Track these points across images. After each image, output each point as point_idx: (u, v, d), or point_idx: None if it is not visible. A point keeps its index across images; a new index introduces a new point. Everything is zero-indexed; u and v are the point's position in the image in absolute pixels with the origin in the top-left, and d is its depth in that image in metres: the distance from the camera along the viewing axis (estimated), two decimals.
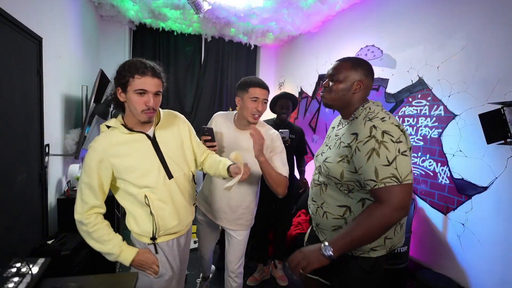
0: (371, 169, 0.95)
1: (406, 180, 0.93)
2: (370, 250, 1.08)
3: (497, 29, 1.86)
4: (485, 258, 1.90)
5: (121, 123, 1.12)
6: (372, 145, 0.96)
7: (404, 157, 0.94)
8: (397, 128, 0.99)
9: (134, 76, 1.03)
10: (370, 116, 1.03)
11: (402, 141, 0.96)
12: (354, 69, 1.09)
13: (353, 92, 1.10)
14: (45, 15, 2.14)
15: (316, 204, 1.19)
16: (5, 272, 0.83)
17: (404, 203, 0.93)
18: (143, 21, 4.05)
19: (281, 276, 2.45)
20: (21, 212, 1.81)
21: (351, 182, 1.05)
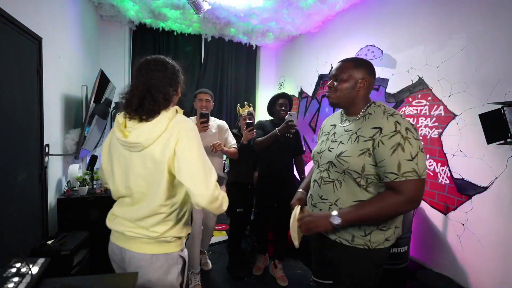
0: (394, 162, 1.01)
1: (423, 175, 1.02)
2: (384, 240, 1.14)
3: (497, 29, 1.86)
4: (485, 258, 1.90)
5: None
6: (398, 140, 1.02)
7: (423, 154, 1.03)
8: (413, 126, 1.07)
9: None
10: (390, 112, 1.10)
11: (420, 139, 1.06)
12: (357, 68, 1.15)
13: (357, 90, 1.16)
14: (45, 15, 2.14)
15: (329, 201, 1.19)
16: (5, 272, 0.82)
17: (419, 196, 1.02)
18: (143, 21, 4.05)
19: (281, 276, 2.46)
20: (21, 212, 1.81)
21: (371, 175, 1.09)
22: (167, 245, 1.02)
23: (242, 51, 4.92)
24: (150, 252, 1.00)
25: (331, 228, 1.08)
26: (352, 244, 1.15)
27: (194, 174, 0.94)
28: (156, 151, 0.96)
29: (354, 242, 1.14)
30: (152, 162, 0.97)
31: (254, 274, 2.51)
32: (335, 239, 1.19)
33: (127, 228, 1.01)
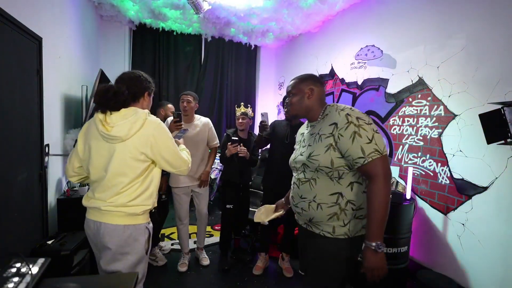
0: (357, 149, 1.13)
1: (384, 152, 1.14)
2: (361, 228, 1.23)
3: (497, 29, 1.86)
4: (485, 258, 1.90)
5: None
6: (353, 129, 1.15)
7: (378, 134, 1.16)
8: (364, 114, 1.20)
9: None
10: (341, 107, 1.24)
11: (372, 123, 1.17)
12: (302, 82, 1.34)
13: (307, 98, 1.32)
14: (45, 15, 2.14)
15: (307, 199, 1.28)
16: (5, 272, 0.82)
17: (389, 171, 1.14)
18: (143, 21, 4.05)
19: (287, 268, 2.56)
20: (21, 212, 1.81)
21: (341, 166, 1.19)
22: (136, 217, 1.25)
23: (242, 51, 4.92)
24: (122, 223, 1.22)
25: (383, 256, 1.11)
26: (334, 236, 1.23)
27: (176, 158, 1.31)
28: (135, 143, 1.21)
29: (335, 233, 1.22)
30: (131, 152, 1.21)
31: (254, 273, 2.52)
32: (319, 232, 1.27)
33: (102, 204, 1.22)
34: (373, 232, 1.11)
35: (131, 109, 1.25)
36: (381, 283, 1.20)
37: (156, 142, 1.24)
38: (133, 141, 1.21)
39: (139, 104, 1.36)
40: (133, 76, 1.35)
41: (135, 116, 1.23)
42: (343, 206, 1.20)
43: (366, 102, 3.00)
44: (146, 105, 1.40)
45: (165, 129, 1.30)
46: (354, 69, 3.19)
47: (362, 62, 3.08)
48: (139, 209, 1.24)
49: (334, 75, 3.55)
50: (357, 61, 3.15)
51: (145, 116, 1.25)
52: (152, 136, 1.23)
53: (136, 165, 1.23)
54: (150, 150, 1.24)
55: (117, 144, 1.21)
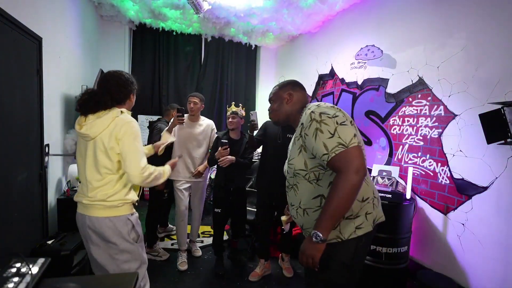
0: (320, 145, 1.08)
1: (352, 144, 1.05)
2: (355, 229, 1.15)
3: (497, 29, 1.86)
4: (485, 258, 1.90)
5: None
6: (315, 126, 1.10)
7: (343, 127, 1.08)
8: (331, 108, 1.15)
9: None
10: (309, 106, 1.23)
11: (339, 115, 1.11)
12: (281, 88, 1.36)
13: (286, 103, 1.33)
14: (45, 15, 2.14)
15: (295, 206, 1.26)
16: (5, 272, 0.82)
17: (357, 164, 1.03)
18: (143, 21, 4.05)
19: (287, 268, 2.55)
20: (21, 212, 1.81)
21: (315, 167, 1.16)
22: (116, 209, 1.32)
23: (242, 51, 4.92)
24: (102, 215, 1.30)
25: (320, 247, 1.06)
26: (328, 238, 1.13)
27: (131, 159, 1.28)
28: (104, 140, 1.27)
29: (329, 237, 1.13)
30: (100, 148, 1.28)
31: (249, 279, 2.40)
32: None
33: (84, 199, 1.31)
34: (319, 221, 1.06)
35: (115, 110, 1.32)
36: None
37: (122, 139, 1.27)
38: (102, 137, 1.27)
39: (125, 106, 1.42)
40: (119, 82, 1.37)
41: (107, 115, 1.28)
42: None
43: (366, 102, 3.00)
44: (130, 105, 1.46)
45: (134, 129, 1.31)
46: (354, 69, 3.19)
47: (362, 62, 3.08)
48: (117, 203, 1.31)
49: (334, 75, 3.55)
50: (357, 61, 3.15)
51: (116, 114, 1.30)
52: (119, 132, 1.27)
53: (107, 161, 1.29)
54: (117, 146, 1.28)
55: (90, 142, 1.29)
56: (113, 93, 1.34)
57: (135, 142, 1.30)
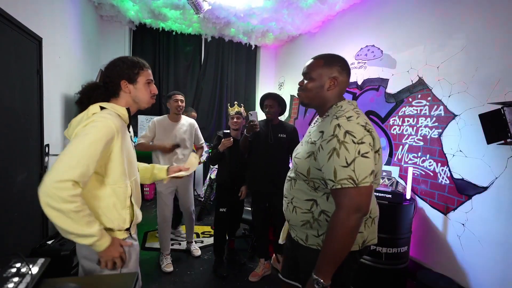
0: (330, 169, 0.95)
1: (363, 183, 0.92)
2: None
3: (497, 29, 1.86)
4: (485, 258, 1.90)
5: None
6: (334, 145, 0.96)
7: (364, 159, 0.93)
8: (362, 128, 0.98)
9: (144, 69, 1.16)
10: (338, 114, 1.03)
11: (365, 142, 0.96)
12: (328, 66, 1.09)
13: (327, 89, 1.09)
14: (45, 15, 2.14)
15: (287, 199, 1.20)
16: (5, 272, 0.82)
17: (360, 205, 0.92)
18: (143, 21, 4.05)
19: None
20: (21, 212, 1.81)
21: (317, 179, 1.06)
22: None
23: (242, 51, 4.92)
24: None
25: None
26: (306, 244, 1.12)
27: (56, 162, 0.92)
28: None
29: (308, 242, 1.11)
30: None
31: (249, 280, 2.40)
32: (294, 236, 1.18)
33: None
34: (321, 266, 0.96)
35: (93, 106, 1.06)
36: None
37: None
38: None
39: (121, 99, 1.13)
40: (107, 66, 1.14)
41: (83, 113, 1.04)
42: (316, 216, 1.08)
43: (366, 102, 3.00)
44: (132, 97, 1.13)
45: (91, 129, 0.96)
46: (354, 69, 3.19)
47: (362, 62, 3.08)
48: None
49: None
50: (357, 61, 3.15)
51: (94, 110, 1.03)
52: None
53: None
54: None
55: None
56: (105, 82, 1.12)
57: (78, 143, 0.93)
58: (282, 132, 2.34)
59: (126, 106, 1.14)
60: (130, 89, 1.13)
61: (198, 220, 3.64)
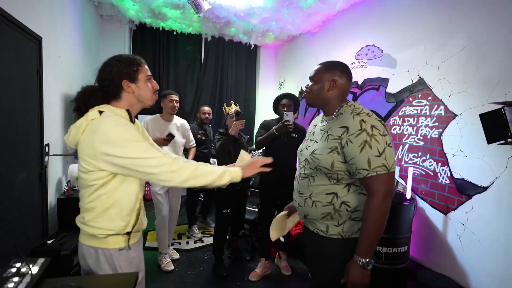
0: (364, 159, 1.07)
1: (392, 169, 1.08)
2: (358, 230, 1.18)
3: (498, 29, 1.86)
4: (485, 258, 1.90)
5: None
6: (364, 138, 1.08)
7: (390, 149, 1.09)
8: (380, 123, 1.13)
9: (141, 65, 1.11)
10: (357, 111, 1.16)
11: (387, 134, 1.11)
12: (328, 71, 1.25)
13: (327, 90, 1.23)
14: (45, 15, 2.14)
15: (304, 196, 1.27)
16: (5, 272, 0.82)
17: (392, 188, 1.09)
18: (143, 21, 4.05)
19: (285, 266, 2.55)
20: (21, 212, 1.81)
21: (341, 171, 1.16)
22: (99, 240, 1.04)
23: (242, 50, 4.92)
24: (85, 243, 1.06)
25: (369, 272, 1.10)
26: (327, 235, 1.21)
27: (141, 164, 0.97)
28: (80, 151, 1.01)
29: (328, 233, 1.20)
30: (79, 161, 1.03)
31: (249, 279, 2.41)
32: (313, 230, 1.25)
33: (76, 219, 1.10)
34: (365, 248, 1.08)
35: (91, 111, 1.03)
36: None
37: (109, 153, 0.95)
38: (80, 147, 1.01)
39: (124, 101, 1.08)
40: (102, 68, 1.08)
41: (83, 118, 1.02)
42: (337, 207, 1.18)
43: (366, 102, 3.00)
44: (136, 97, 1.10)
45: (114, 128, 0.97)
46: (354, 68, 3.18)
47: (362, 61, 3.08)
48: (98, 231, 1.02)
49: None
50: (357, 60, 3.14)
51: (92, 116, 1.00)
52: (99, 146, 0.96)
53: (87, 176, 1.00)
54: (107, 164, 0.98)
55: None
56: (102, 85, 1.06)
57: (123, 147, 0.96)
58: (294, 132, 2.37)
59: (128, 107, 1.10)
60: (133, 88, 1.08)
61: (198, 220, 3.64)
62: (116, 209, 1.04)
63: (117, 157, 0.96)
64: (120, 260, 1.07)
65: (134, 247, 1.12)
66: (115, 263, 1.06)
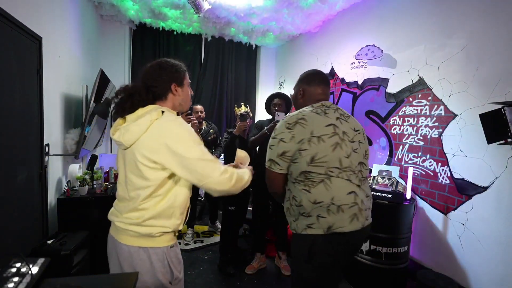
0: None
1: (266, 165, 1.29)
2: (306, 227, 1.22)
3: (498, 29, 1.86)
4: (485, 258, 1.90)
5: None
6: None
7: (269, 150, 1.29)
8: (284, 124, 1.25)
9: (187, 72, 1.22)
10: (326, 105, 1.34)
11: (276, 138, 1.25)
12: (299, 81, 1.45)
13: (300, 98, 1.42)
14: (45, 15, 2.14)
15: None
16: (5, 272, 0.82)
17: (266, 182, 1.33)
18: (143, 21, 4.05)
19: (284, 266, 2.57)
20: (21, 212, 1.81)
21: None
22: (152, 239, 1.06)
23: (242, 51, 4.91)
24: (134, 244, 1.05)
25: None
26: (291, 229, 1.32)
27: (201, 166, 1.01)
28: (142, 148, 1.02)
29: (291, 227, 1.31)
30: (139, 159, 1.02)
31: (246, 272, 2.49)
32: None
33: (117, 219, 1.08)
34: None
35: (148, 108, 1.07)
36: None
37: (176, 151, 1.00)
38: (139, 146, 1.02)
39: (169, 102, 1.14)
40: (151, 70, 1.12)
41: (145, 117, 1.03)
42: (291, 201, 1.27)
43: (366, 102, 3.00)
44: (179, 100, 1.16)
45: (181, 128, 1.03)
46: (354, 68, 3.19)
47: (362, 61, 3.08)
48: (155, 230, 1.04)
49: (334, 74, 3.55)
50: (357, 60, 3.14)
51: (156, 116, 1.03)
52: (161, 138, 1.00)
53: (149, 175, 1.02)
54: (163, 156, 1.00)
55: (127, 151, 1.06)
56: (149, 86, 1.10)
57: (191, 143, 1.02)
58: None
59: (173, 109, 1.16)
60: (179, 92, 1.15)
61: (198, 220, 3.65)
62: (173, 208, 1.08)
63: (182, 156, 1.00)
64: (172, 257, 1.11)
65: (177, 243, 1.20)
66: (168, 260, 1.09)
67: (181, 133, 1.03)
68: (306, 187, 1.20)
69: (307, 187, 1.19)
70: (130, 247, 1.05)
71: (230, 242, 2.62)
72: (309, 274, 1.22)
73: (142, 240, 1.05)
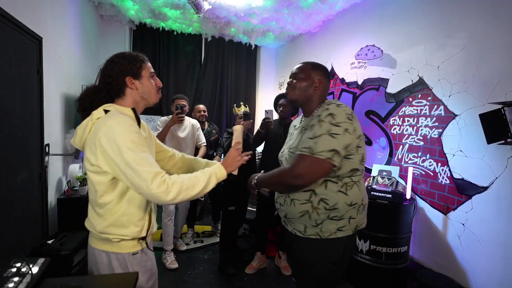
0: (302, 140, 1.14)
1: (318, 154, 1.05)
2: (336, 230, 1.16)
3: (498, 29, 1.86)
4: (485, 258, 1.90)
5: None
6: (314, 123, 1.13)
7: (329, 137, 1.06)
8: (344, 113, 1.10)
9: (145, 62, 1.09)
10: (329, 103, 1.19)
11: (340, 126, 1.07)
12: (314, 70, 1.27)
13: (314, 88, 1.24)
14: (45, 15, 2.14)
15: (284, 195, 1.26)
16: (5, 272, 0.82)
17: (302, 172, 1.07)
18: (143, 21, 4.05)
19: (285, 266, 2.57)
20: (21, 212, 1.81)
21: None
22: (111, 244, 1.02)
23: (242, 51, 4.91)
24: (97, 246, 1.05)
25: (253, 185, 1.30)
26: (305, 235, 1.19)
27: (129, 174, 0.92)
28: (86, 152, 0.99)
29: (306, 233, 1.19)
30: (86, 163, 1.00)
31: (246, 272, 2.48)
32: (291, 230, 1.25)
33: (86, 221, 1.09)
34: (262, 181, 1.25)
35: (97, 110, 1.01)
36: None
37: (106, 150, 0.92)
38: (85, 148, 0.99)
39: (128, 98, 1.06)
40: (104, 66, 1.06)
41: (88, 117, 1.00)
42: (315, 204, 1.14)
43: (366, 102, 3.00)
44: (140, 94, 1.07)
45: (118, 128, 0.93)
46: (354, 69, 3.19)
47: (362, 62, 3.08)
48: (112, 236, 1.00)
49: (334, 74, 3.55)
50: (357, 61, 3.14)
51: (98, 115, 0.98)
52: (99, 140, 0.93)
53: (93, 178, 0.98)
54: (103, 160, 0.94)
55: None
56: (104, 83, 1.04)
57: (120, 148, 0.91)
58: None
59: (132, 105, 1.07)
60: (137, 85, 1.05)
61: (198, 220, 3.64)
62: (128, 215, 1.01)
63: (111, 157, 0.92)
64: (134, 265, 1.05)
65: (146, 250, 1.12)
66: (129, 267, 1.04)
67: (115, 132, 0.92)
68: (343, 188, 1.12)
69: (343, 188, 1.12)
70: (94, 249, 1.05)
71: (230, 242, 2.62)
72: (334, 275, 1.19)
73: (102, 244, 1.03)
